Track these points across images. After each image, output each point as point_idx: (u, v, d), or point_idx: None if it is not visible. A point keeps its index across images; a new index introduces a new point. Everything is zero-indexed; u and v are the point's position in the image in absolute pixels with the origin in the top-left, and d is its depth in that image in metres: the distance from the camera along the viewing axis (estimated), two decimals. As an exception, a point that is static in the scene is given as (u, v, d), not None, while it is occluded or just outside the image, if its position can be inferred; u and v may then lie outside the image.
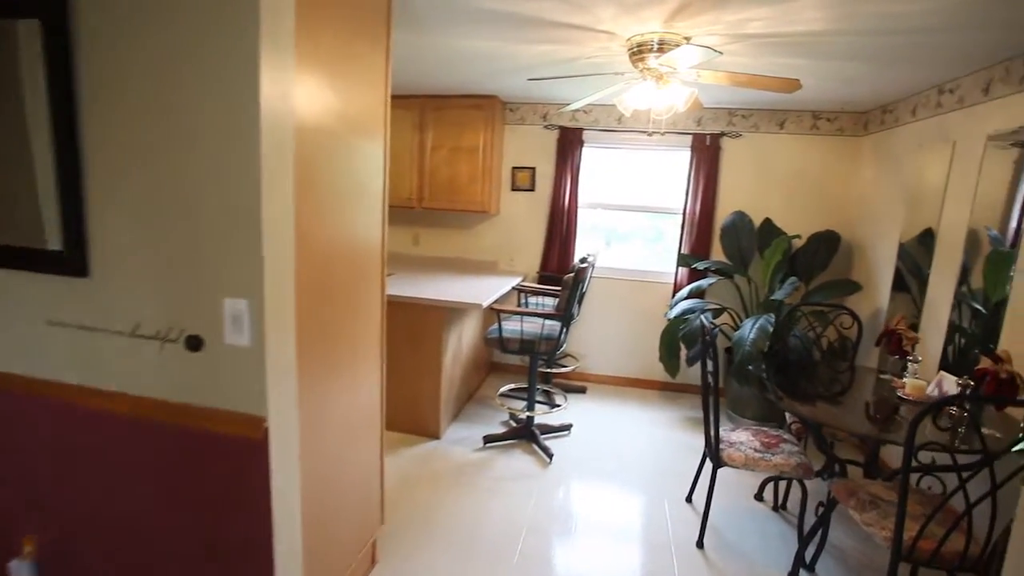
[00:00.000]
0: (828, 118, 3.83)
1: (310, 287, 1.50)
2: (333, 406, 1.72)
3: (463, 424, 3.58)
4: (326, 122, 1.55)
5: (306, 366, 1.48)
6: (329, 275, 1.65)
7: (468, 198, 4.14)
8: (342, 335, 1.77)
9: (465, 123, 4.04)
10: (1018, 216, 2.64)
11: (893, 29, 2.15)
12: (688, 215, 4.11)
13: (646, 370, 4.40)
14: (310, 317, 1.50)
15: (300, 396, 1.45)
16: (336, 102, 1.59)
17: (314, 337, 1.54)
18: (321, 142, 1.53)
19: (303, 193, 1.43)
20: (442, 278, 3.91)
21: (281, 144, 1.30)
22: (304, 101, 1.39)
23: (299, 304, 1.41)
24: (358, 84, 1.75)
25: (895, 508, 2.01)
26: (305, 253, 1.46)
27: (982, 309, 2.77)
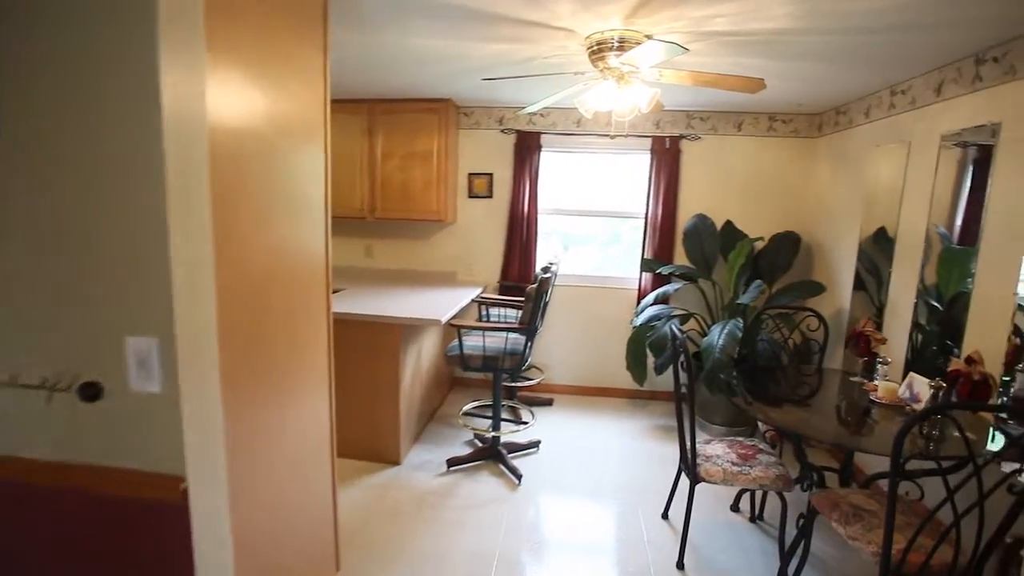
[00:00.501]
0: (784, 120, 3.85)
1: (241, 314, 1.28)
2: (273, 446, 1.50)
3: (425, 446, 3.36)
4: (254, 126, 1.34)
5: (237, 407, 1.26)
6: (265, 298, 1.43)
7: (423, 207, 3.94)
8: (283, 363, 1.56)
9: (418, 128, 3.84)
10: (963, 214, 2.68)
11: (855, 28, 2.11)
12: (650, 219, 4.05)
13: (613, 378, 4.30)
14: (241, 348, 1.28)
15: (229, 442, 1.22)
16: (265, 103, 1.38)
17: (246, 371, 1.32)
18: (249, 148, 1.32)
19: (228, 207, 1.22)
20: (397, 292, 3.69)
21: (192, 151, 1.08)
22: (223, 103, 1.18)
23: (226, 335, 1.19)
24: (291, 83, 1.55)
25: (878, 519, 1.95)
26: (233, 275, 1.24)
27: (938, 306, 2.80)
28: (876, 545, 1.82)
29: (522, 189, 4.10)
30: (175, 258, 1.06)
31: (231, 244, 1.23)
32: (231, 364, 1.23)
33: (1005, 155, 2.22)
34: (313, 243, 1.79)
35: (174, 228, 1.06)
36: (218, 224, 1.15)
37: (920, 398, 2.23)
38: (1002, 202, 2.23)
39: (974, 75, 2.39)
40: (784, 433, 2.43)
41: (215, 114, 1.14)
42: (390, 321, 2.94)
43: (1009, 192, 2.19)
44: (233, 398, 1.25)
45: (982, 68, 2.35)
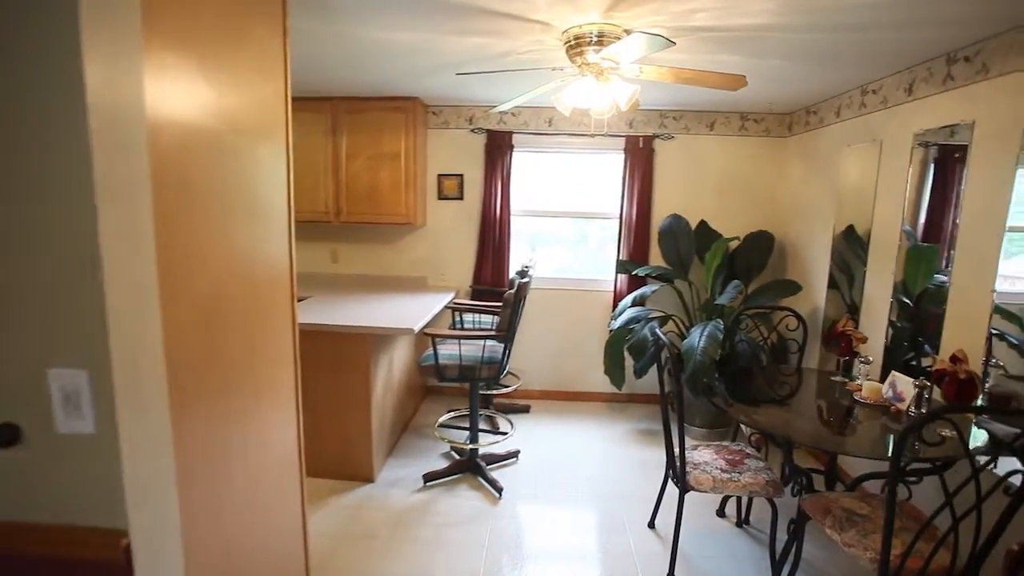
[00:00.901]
0: (755, 119, 3.85)
1: (193, 334, 1.12)
2: (236, 477, 1.34)
3: (399, 460, 3.20)
4: (204, 121, 1.17)
5: (190, 441, 1.10)
6: (221, 313, 1.27)
7: (391, 209, 3.77)
8: (244, 384, 1.39)
9: (384, 127, 3.68)
10: (927, 212, 2.72)
11: (833, 25, 2.07)
12: (625, 220, 3.99)
13: (590, 382, 4.22)
14: (194, 373, 1.12)
15: (182, 484, 1.06)
16: (216, 95, 1.22)
17: (201, 398, 1.16)
18: (198, 147, 1.16)
19: (174, 213, 1.06)
20: (366, 299, 3.52)
21: (126, 151, 0.92)
22: (166, 93, 1.02)
23: (175, 361, 1.03)
24: (247, 72, 1.39)
25: (872, 523, 1.91)
26: (182, 290, 1.08)
27: (909, 302, 2.82)
28: (874, 552, 1.78)
29: (494, 190, 3.98)
30: (109, 274, 0.90)
31: (179, 255, 1.07)
32: (182, 393, 1.07)
33: (979, 153, 2.24)
34: (275, 250, 1.63)
35: (106, 238, 0.89)
36: (163, 233, 0.99)
37: (904, 397, 2.22)
38: (977, 200, 2.24)
39: (945, 74, 2.41)
40: (773, 438, 2.39)
41: (156, 107, 0.98)
42: (360, 331, 2.77)
43: (984, 190, 2.21)
44: (185, 432, 1.09)
45: (954, 67, 2.36)
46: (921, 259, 2.78)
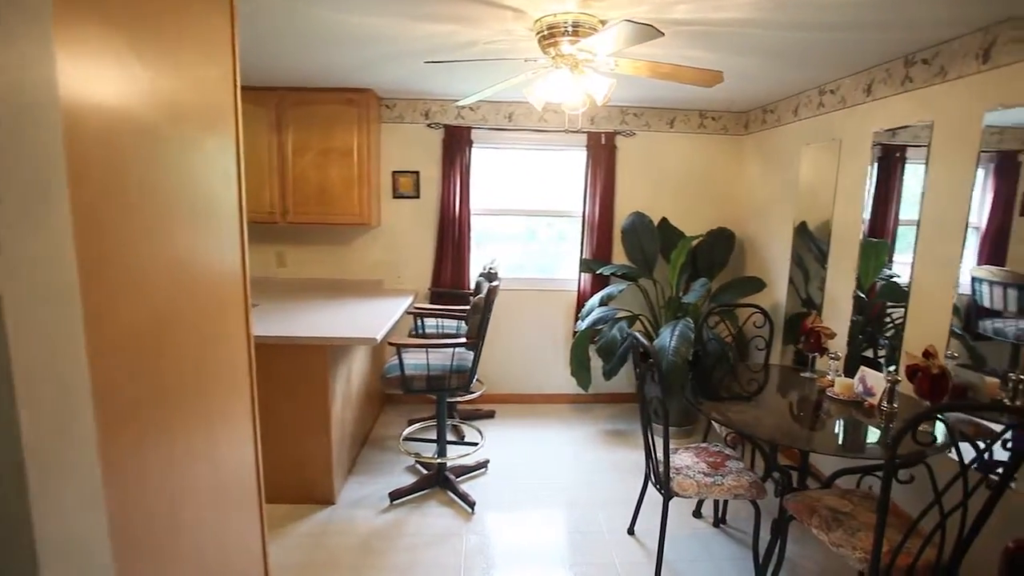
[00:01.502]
0: (713, 117, 3.88)
1: (129, 360, 0.92)
2: (181, 524, 1.13)
3: (361, 478, 2.99)
4: (136, 109, 0.97)
5: (129, 487, 0.90)
6: (163, 332, 1.07)
7: (343, 209, 3.53)
8: (192, 413, 1.19)
9: (335, 121, 3.43)
10: (871, 208, 2.81)
11: (812, 23, 2.06)
12: (588, 218, 3.92)
13: (554, 384, 4.15)
14: (132, 406, 0.92)
15: (119, 545, 0.86)
16: (150, 79, 1.02)
17: (140, 438, 0.96)
18: (130, 139, 0.96)
19: (100, 218, 0.86)
20: (319, 305, 3.27)
21: (34, 144, 0.72)
22: (87, 75, 0.82)
23: (105, 394, 0.84)
24: (188, 54, 1.19)
25: (857, 521, 1.91)
26: (114, 308, 0.88)
27: (863, 296, 2.91)
28: (862, 551, 1.77)
29: (452, 188, 3.81)
30: (10, 302, 0.69)
31: (107, 267, 0.88)
32: (115, 437, 0.87)
33: (939, 154, 2.30)
34: (226, 256, 1.42)
35: (8, 253, 0.69)
36: (86, 242, 0.80)
37: (874, 392, 2.25)
38: (937, 199, 2.30)
39: (904, 76, 2.47)
40: (752, 439, 2.38)
41: (74, 90, 0.78)
42: (317, 343, 2.54)
43: (944, 190, 2.27)
44: (120, 484, 0.89)
45: (912, 69, 2.42)
46: (871, 254, 2.86)
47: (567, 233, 4.17)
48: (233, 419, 1.45)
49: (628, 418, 3.92)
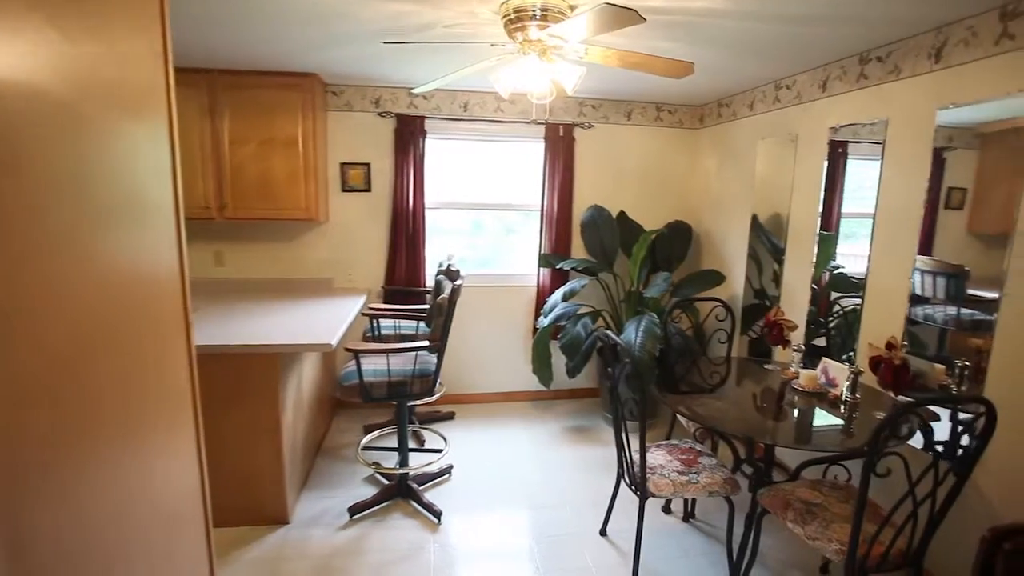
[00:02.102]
0: (669, 110, 3.88)
1: (39, 387, 0.75)
2: (112, 562, 0.96)
3: (316, 492, 2.79)
4: (44, 85, 0.79)
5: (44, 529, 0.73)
6: (83, 350, 0.88)
7: (288, 203, 3.27)
8: (122, 441, 1.02)
9: (277, 108, 3.16)
10: (824, 202, 2.90)
11: (781, 16, 2.05)
12: (546, 211, 3.84)
13: (514, 382, 4.06)
14: (43, 443, 0.75)
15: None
16: (62, 48, 0.83)
17: (56, 478, 0.79)
18: (35, 121, 0.77)
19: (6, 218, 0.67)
20: (265, 308, 3.01)
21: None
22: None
23: (13, 435, 0.66)
24: (110, 21, 0.99)
25: (830, 512, 1.94)
26: (19, 327, 0.70)
27: (816, 287, 2.99)
28: (839, 543, 1.79)
29: (405, 181, 3.63)
30: None
31: (14, 278, 0.70)
32: (22, 472, 0.69)
33: (893, 150, 2.36)
34: (161, 259, 1.24)
35: None
36: None
37: (836, 383, 2.30)
38: (892, 193, 2.37)
39: (859, 73, 2.52)
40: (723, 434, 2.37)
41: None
42: (266, 350, 2.32)
43: (898, 185, 2.34)
44: (31, 527, 0.71)
45: (867, 67, 2.48)
46: (822, 247, 2.95)
47: (515, 225, 4.07)
48: (173, 441, 1.27)
49: (589, 414, 3.89)
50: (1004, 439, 1.85)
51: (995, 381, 1.96)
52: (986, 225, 2.11)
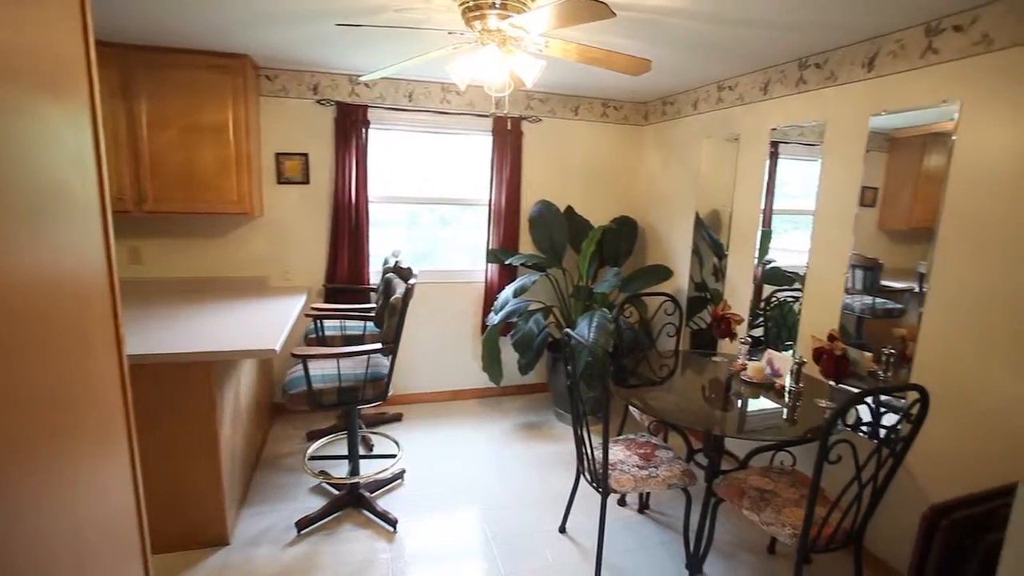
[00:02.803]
0: (615, 106, 3.93)
1: None
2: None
3: (258, 507, 2.60)
4: None
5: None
6: None
7: (218, 196, 3.01)
8: (37, 454, 0.88)
9: (203, 91, 2.89)
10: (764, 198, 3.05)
11: (735, 19, 2.09)
12: (494, 206, 3.78)
13: (462, 380, 4.00)
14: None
15: None
16: None
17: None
18: None
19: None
20: (193, 311, 2.76)
21: None
22: None
23: None
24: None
25: (780, 498, 2.03)
26: None
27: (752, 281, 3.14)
28: (792, 527, 1.87)
29: (347, 173, 3.44)
30: None
31: None
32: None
33: (831, 151, 2.50)
34: (85, 259, 1.09)
35: None
36: None
37: (781, 373, 2.41)
38: (830, 192, 2.51)
39: (798, 78, 2.65)
40: (676, 427, 2.42)
41: None
42: (202, 358, 2.11)
43: (836, 184, 2.48)
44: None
45: (806, 72, 2.60)
46: (761, 239, 3.09)
47: (451, 218, 3.98)
48: (103, 460, 1.13)
49: (538, 410, 3.90)
50: (929, 422, 2.01)
51: (921, 368, 2.13)
52: (894, 222, 2.30)
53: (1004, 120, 1.85)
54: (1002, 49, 1.85)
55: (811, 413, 2.14)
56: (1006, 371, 1.86)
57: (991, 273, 1.89)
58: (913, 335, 2.17)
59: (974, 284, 1.94)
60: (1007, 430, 1.86)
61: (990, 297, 1.89)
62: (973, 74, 1.94)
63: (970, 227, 1.95)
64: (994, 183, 1.88)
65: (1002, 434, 1.87)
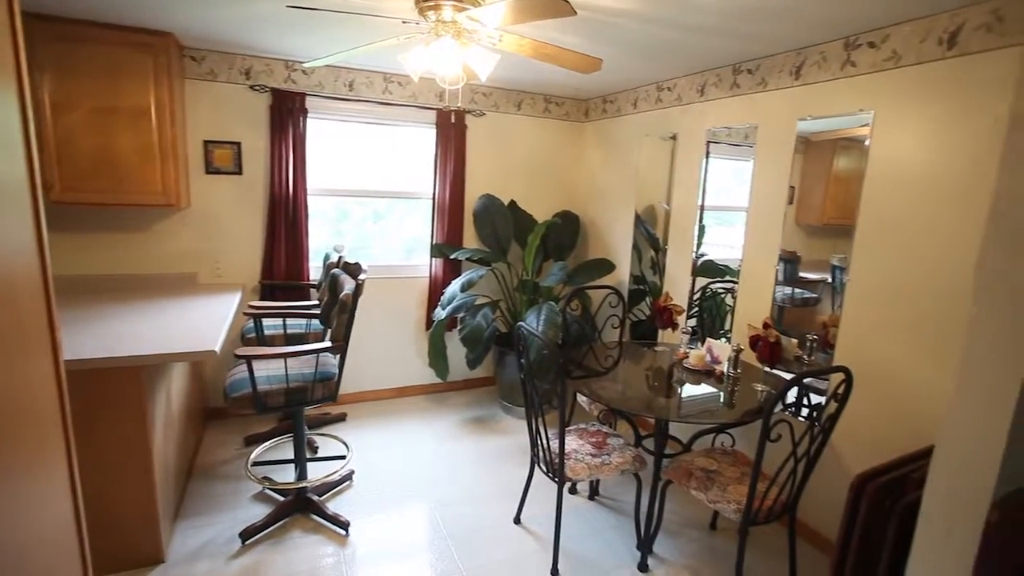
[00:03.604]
0: (557, 102, 3.99)
1: None
2: None
3: (195, 520, 2.44)
4: None
5: None
6: None
7: (139, 186, 2.77)
8: None
9: (121, 71, 2.64)
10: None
11: (672, 22, 2.19)
12: (438, 200, 3.74)
13: (407, 376, 3.93)
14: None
15: None
16: None
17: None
18: None
19: None
20: (112, 311, 2.53)
21: None
22: None
23: None
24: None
25: (724, 477, 2.17)
26: None
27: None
28: (736, 503, 2.01)
29: (284, 163, 3.27)
30: None
31: None
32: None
33: (763, 151, 2.68)
34: (11, 253, 0.99)
35: None
36: None
37: (719, 360, 2.57)
38: (762, 189, 2.69)
39: (732, 82, 2.81)
40: (625, 415, 2.52)
41: None
42: (131, 363, 1.95)
43: (767, 182, 2.66)
44: None
45: (739, 77, 2.77)
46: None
47: (383, 212, 3.90)
48: (42, 473, 1.03)
49: (485, 403, 3.91)
50: (849, 401, 2.22)
51: (842, 351, 2.34)
52: (810, 218, 2.52)
53: (910, 129, 2.07)
54: (909, 65, 2.06)
55: (748, 396, 2.30)
56: (914, 351, 2.08)
57: (900, 264, 2.11)
58: (834, 322, 2.39)
59: (887, 275, 2.16)
60: (915, 403, 2.09)
61: (900, 286, 2.12)
62: (885, 86, 2.14)
63: (882, 223, 2.17)
64: (902, 185, 2.10)
65: (911, 408, 2.10)
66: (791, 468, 1.95)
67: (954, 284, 1.96)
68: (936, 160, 1.99)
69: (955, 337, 1.96)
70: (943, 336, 2.00)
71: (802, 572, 2.28)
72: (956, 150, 1.94)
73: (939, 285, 2.00)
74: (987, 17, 1.84)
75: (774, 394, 1.84)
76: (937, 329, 2.01)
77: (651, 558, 2.33)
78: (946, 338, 1.99)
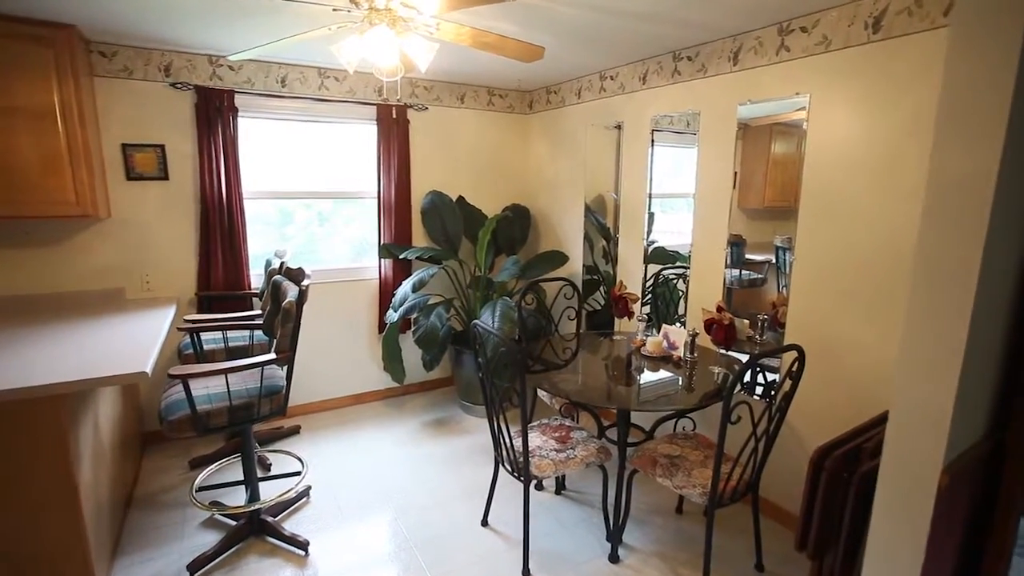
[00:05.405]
0: (500, 95, 3.92)
1: None
2: None
3: (137, 555, 2.26)
4: None
5: None
6: None
7: (48, 196, 2.51)
8: None
9: (14, 67, 2.38)
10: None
11: (611, 8, 2.16)
12: (383, 198, 3.61)
13: (361, 383, 3.80)
14: None
15: None
16: None
17: None
18: None
19: None
20: (27, 335, 2.29)
21: None
22: None
23: None
24: None
25: (688, 462, 2.18)
26: None
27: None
28: (701, 487, 2.03)
29: (215, 166, 3.07)
30: None
31: None
32: None
33: (706, 137, 2.71)
34: None
35: None
36: None
37: (676, 345, 2.59)
38: (708, 175, 2.73)
39: (673, 69, 2.83)
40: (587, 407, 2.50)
41: None
42: (50, 391, 1.75)
43: (712, 168, 2.70)
44: None
45: (679, 64, 2.79)
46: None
47: (328, 213, 3.75)
48: None
49: (444, 405, 3.83)
50: (803, 376, 2.28)
51: (792, 329, 2.41)
52: (751, 202, 2.58)
53: (841, 111, 2.13)
54: (838, 49, 2.13)
55: (706, 380, 2.33)
56: (858, 323, 2.16)
57: (840, 242, 2.18)
58: (783, 301, 2.45)
59: (830, 253, 2.23)
60: (862, 372, 2.16)
61: (841, 263, 2.19)
62: (819, 70, 2.20)
63: (823, 204, 2.23)
64: (838, 166, 2.16)
65: (860, 377, 2.18)
66: (752, 448, 1.99)
67: (883, 257, 2.04)
68: (865, 140, 2.06)
69: (893, 306, 2.04)
70: (883, 306, 2.08)
71: (767, 547, 2.34)
72: (880, 131, 2.01)
73: (872, 259, 2.08)
74: (908, 1, 1.91)
75: (732, 378, 1.86)
76: (877, 299, 2.09)
77: (621, 548, 2.33)
78: (885, 308, 2.07)
